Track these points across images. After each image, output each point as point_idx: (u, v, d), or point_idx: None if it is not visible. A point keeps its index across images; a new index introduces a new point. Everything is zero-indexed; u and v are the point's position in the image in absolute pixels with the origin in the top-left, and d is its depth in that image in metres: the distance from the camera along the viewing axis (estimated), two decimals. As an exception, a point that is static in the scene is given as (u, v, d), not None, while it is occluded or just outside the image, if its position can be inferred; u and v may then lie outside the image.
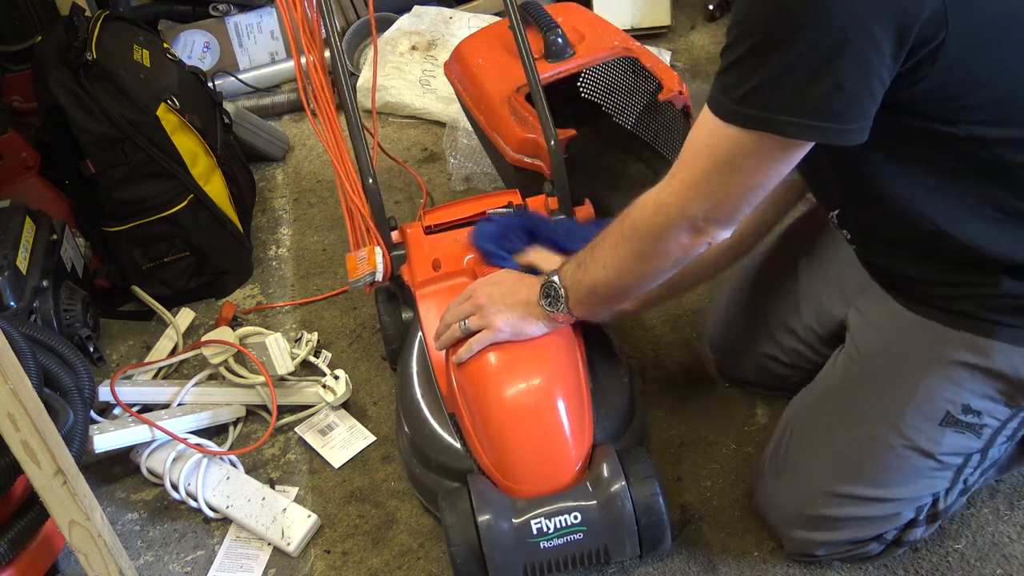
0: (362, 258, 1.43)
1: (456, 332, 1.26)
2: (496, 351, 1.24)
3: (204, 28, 2.50)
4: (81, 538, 1.18)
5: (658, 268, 1.11)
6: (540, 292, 1.22)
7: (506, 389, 1.21)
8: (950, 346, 1.09)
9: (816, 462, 1.21)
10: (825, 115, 0.92)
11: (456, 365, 1.27)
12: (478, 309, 1.24)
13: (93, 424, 1.49)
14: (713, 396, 1.54)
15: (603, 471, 1.18)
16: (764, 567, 1.28)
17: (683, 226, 1.04)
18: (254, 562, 1.40)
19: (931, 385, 1.11)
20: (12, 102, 2.04)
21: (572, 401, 1.22)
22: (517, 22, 1.44)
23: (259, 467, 1.54)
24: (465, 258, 1.45)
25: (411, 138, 2.29)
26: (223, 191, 1.88)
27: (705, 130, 0.99)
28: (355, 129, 1.44)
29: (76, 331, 1.67)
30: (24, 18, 2.14)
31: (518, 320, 1.23)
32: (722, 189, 1.00)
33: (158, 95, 1.75)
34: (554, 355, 1.25)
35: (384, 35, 2.47)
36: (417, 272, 1.45)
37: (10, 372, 1.01)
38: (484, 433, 1.23)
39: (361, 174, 1.44)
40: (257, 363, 1.58)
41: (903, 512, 1.18)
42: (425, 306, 1.40)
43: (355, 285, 1.44)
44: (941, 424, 1.11)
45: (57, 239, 1.74)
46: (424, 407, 1.34)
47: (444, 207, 1.53)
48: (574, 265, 1.19)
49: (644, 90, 1.82)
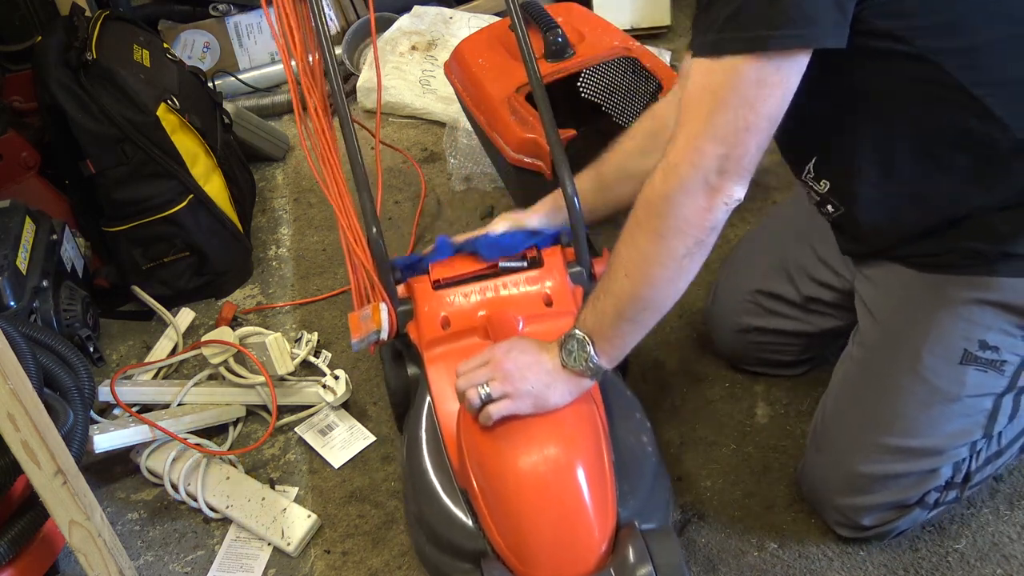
0: (365, 316, 1.31)
1: (475, 399, 1.12)
2: (512, 422, 1.12)
3: (204, 28, 2.50)
4: (81, 538, 1.18)
5: (681, 247, 1.03)
6: (561, 351, 1.12)
7: (523, 466, 1.09)
8: (956, 286, 1.14)
9: (850, 423, 1.24)
10: (802, 21, 0.95)
11: (468, 438, 1.16)
12: (500, 374, 1.12)
13: (93, 424, 1.49)
14: (713, 396, 1.54)
15: (629, 556, 1.07)
16: (764, 567, 1.29)
17: (697, 184, 1.00)
18: (254, 562, 1.40)
19: (944, 325, 1.15)
20: (12, 102, 2.04)
21: (595, 478, 1.10)
22: (520, 22, 1.41)
23: (259, 467, 1.54)
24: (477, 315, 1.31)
25: (411, 138, 2.29)
26: (223, 191, 1.88)
27: (698, 76, 1.00)
28: (360, 178, 1.31)
29: (76, 331, 1.67)
30: (24, 18, 2.14)
31: (542, 388, 1.11)
32: (730, 130, 0.98)
33: (158, 95, 1.75)
34: (575, 426, 1.13)
35: (384, 35, 2.47)
36: (425, 331, 1.30)
37: (10, 372, 1.01)
38: (499, 513, 1.11)
39: (365, 223, 1.31)
40: (257, 363, 1.58)
41: (941, 469, 1.19)
42: (434, 369, 1.27)
43: (358, 346, 1.31)
44: (962, 363, 1.15)
45: (57, 239, 1.74)
46: (434, 479, 1.21)
47: (453, 260, 1.37)
48: (591, 304, 1.12)
49: (644, 90, 1.82)
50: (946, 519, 1.30)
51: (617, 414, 1.24)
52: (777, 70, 0.97)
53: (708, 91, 0.99)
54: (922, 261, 1.18)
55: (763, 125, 0.99)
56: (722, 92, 0.98)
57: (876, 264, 1.25)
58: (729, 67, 0.97)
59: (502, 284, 1.33)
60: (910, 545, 1.28)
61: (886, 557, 1.27)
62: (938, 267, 1.16)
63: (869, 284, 1.27)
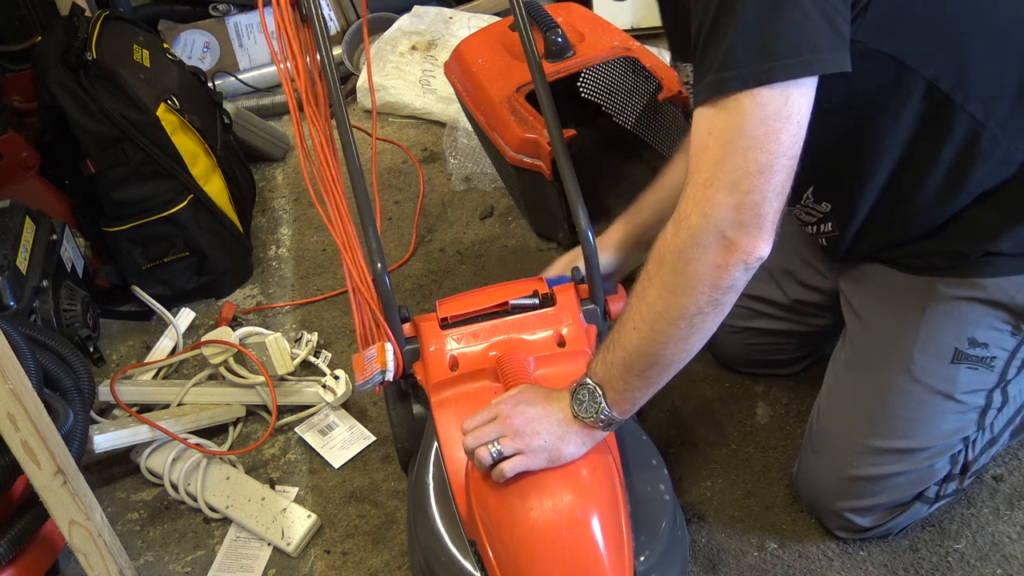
0: (370, 357, 1.26)
1: (487, 459, 1.05)
2: (524, 473, 1.06)
3: (204, 28, 2.50)
4: (81, 538, 1.18)
5: (692, 305, 0.96)
6: (572, 401, 1.07)
7: (535, 517, 1.03)
8: (943, 285, 1.15)
9: (844, 426, 1.24)
10: (804, 47, 0.89)
11: (477, 488, 1.09)
12: (510, 431, 1.05)
13: (93, 424, 1.50)
14: (713, 396, 1.54)
15: None
16: (764, 567, 1.29)
17: (710, 237, 0.93)
18: (254, 562, 1.40)
19: (933, 325, 1.15)
20: (12, 102, 2.05)
21: (610, 529, 1.03)
22: (524, 22, 1.39)
23: (259, 467, 1.54)
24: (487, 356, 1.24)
25: (411, 138, 2.29)
26: (223, 191, 1.88)
27: (701, 122, 0.94)
28: (365, 210, 1.26)
29: (76, 331, 1.67)
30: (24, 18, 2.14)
31: (555, 441, 1.05)
32: (740, 173, 0.90)
33: (158, 95, 1.75)
34: (589, 476, 1.06)
35: (384, 35, 2.47)
36: (432, 372, 1.24)
37: (10, 372, 1.01)
38: (510, 566, 1.05)
39: (369, 258, 1.26)
40: (257, 363, 1.58)
41: (937, 465, 1.20)
42: (442, 414, 1.19)
43: (362, 389, 1.25)
44: (953, 362, 1.15)
45: (57, 239, 1.74)
46: (441, 528, 1.15)
47: (461, 296, 1.32)
48: (602, 353, 1.06)
49: (644, 90, 1.82)
50: (946, 519, 1.30)
51: (633, 461, 1.17)
52: (787, 101, 0.90)
53: (712, 136, 0.92)
54: (908, 263, 1.18)
55: (778, 166, 0.91)
56: (728, 135, 0.91)
57: (860, 265, 1.25)
58: (733, 106, 0.90)
59: (513, 323, 1.27)
60: (910, 545, 1.28)
61: (886, 557, 1.27)
62: (923, 268, 1.17)
63: (854, 285, 1.27)
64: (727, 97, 0.90)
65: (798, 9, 0.88)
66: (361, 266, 1.28)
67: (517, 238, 1.94)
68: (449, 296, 1.32)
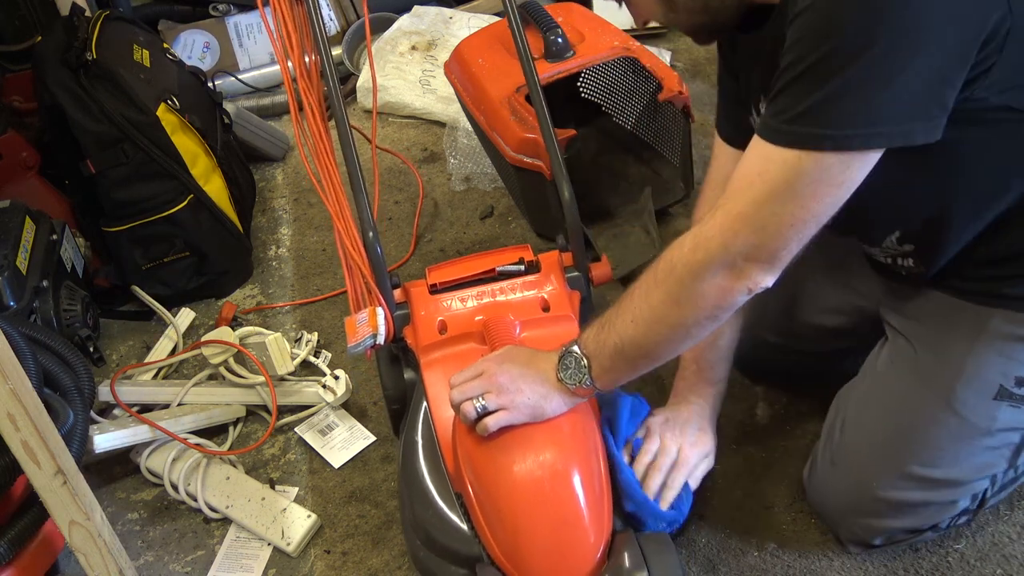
0: (362, 320, 1.30)
1: (471, 412, 1.11)
2: (507, 428, 1.11)
3: (204, 28, 2.50)
4: (81, 538, 1.18)
5: (691, 317, 1.02)
6: (558, 365, 1.12)
7: (518, 471, 1.09)
8: (997, 320, 1.11)
9: (871, 445, 1.21)
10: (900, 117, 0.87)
11: (463, 443, 1.15)
12: (495, 387, 1.11)
13: (93, 424, 1.50)
14: (713, 396, 1.54)
15: (624, 562, 1.07)
16: (764, 567, 1.28)
17: (722, 264, 0.97)
18: (254, 562, 1.40)
19: (980, 360, 1.12)
20: (12, 102, 2.05)
21: (590, 483, 1.10)
22: (517, 23, 1.40)
23: (259, 467, 1.54)
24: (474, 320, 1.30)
25: (411, 138, 2.29)
26: (223, 191, 1.88)
27: (756, 158, 0.94)
28: (356, 180, 1.30)
29: (76, 331, 1.67)
30: (24, 18, 2.14)
31: (538, 399, 1.10)
32: (772, 220, 0.93)
33: (158, 95, 1.75)
34: (571, 433, 1.12)
35: (384, 35, 2.47)
36: (422, 335, 1.30)
37: (10, 372, 1.01)
38: (494, 518, 1.11)
39: (361, 227, 1.31)
40: (257, 363, 1.58)
41: (960, 500, 1.18)
42: (431, 374, 1.26)
43: (354, 351, 1.29)
44: (996, 398, 1.12)
45: (57, 239, 1.74)
46: (430, 484, 1.21)
47: (450, 264, 1.38)
48: (596, 329, 1.10)
49: (644, 90, 1.82)
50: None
51: None
52: (845, 169, 0.89)
53: (761, 177, 0.93)
54: (970, 288, 1.14)
55: (811, 224, 0.93)
56: (775, 184, 0.91)
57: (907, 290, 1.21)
58: (792, 160, 0.90)
59: (499, 289, 1.33)
60: (910, 545, 1.28)
61: (886, 557, 1.27)
62: (985, 296, 1.12)
63: (901, 302, 1.23)
64: (795, 149, 0.90)
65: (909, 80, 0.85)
66: (353, 234, 1.33)
67: (517, 238, 1.93)
68: (438, 263, 1.39)
